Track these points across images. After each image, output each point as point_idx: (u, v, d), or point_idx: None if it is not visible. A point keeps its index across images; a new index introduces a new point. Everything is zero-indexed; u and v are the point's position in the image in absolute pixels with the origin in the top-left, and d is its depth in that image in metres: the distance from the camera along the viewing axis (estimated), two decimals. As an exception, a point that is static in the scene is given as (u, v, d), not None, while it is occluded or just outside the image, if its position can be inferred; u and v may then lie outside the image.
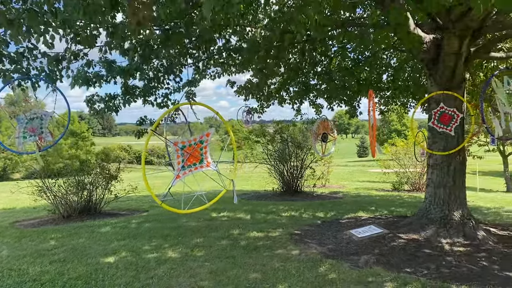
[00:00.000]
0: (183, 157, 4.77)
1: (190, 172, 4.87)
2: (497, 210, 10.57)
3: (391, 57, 10.88)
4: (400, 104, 11.54)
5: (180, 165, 4.74)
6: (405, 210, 9.89)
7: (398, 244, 6.26)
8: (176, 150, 4.72)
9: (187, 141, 4.84)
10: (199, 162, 4.93)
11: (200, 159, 4.93)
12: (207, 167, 4.98)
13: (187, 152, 4.78)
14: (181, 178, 4.75)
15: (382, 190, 15.97)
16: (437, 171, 6.70)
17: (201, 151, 4.94)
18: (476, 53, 6.82)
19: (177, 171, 4.73)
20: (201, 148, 4.94)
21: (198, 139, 4.93)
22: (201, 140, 4.95)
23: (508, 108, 5.54)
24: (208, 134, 5.03)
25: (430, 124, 6.47)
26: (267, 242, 6.74)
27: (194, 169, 4.90)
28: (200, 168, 4.96)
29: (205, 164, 4.95)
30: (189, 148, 4.80)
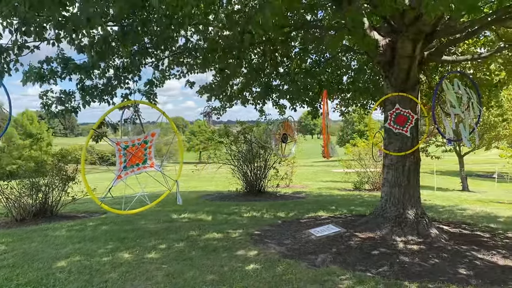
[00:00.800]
0: (125, 157, 4.67)
1: (133, 173, 4.78)
2: (451, 208, 10.98)
3: (351, 59, 11.08)
4: (360, 105, 11.77)
5: (122, 165, 4.64)
6: (364, 209, 10.11)
7: (354, 242, 6.38)
8: (118, 150, 4.63)
9: (131, 141, 4.75)
10: (143, 162, 4.84)
11: (143, 159, 4.85)
12: (150, 168, 4.90)
13: (130, 152, 4.69)
14: (122, 179, 4.65)
15: (344, 189, 16.27)
16: (392, 171, 6.87)
17: (145, 151, 4.87)
18: (429, 56, 7.05)
19: (118, 171, 4.63)
20: (145, 148, 4.86)
21: (143, 139, 4.85)
22: (146, 140, 4.87)
23: (458, 110, 5.75)
24: (154, 134, 4.96)
25: (387, 125, 6.64)
26: (227, 243, 6.71)
27: (137, 169, 4.82)
28: (143, 168, 4.87)
29: (148, 165, 4.87)
30: (132, 148, 4.72)
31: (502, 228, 7.92)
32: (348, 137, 59.76)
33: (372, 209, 10.06)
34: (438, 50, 7.12)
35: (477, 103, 5.81)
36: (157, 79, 7.93)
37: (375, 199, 12.44)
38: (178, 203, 5.12)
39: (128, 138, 4.78)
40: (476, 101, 5.77)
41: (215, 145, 14.55)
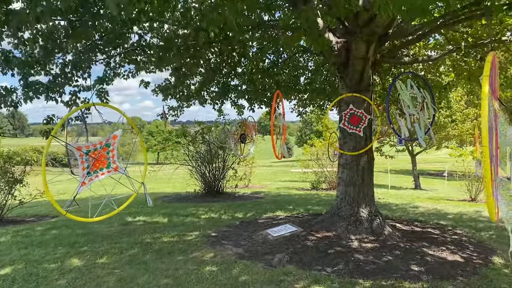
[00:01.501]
0: (88, 163, 4.47)
1: (97, 178, 4.58)
2: (404, 206, 11.32)
3: (308, 60, 11.19)
4: (317, 106, 11.92)
5: (85, 171, 4.44)
6: (321, 208, 10.23)
7: (311, 242, 6.42)
8: (79, 155, 4.41)
9: (92, 145, 4.55)
10: (107, 166, 4.65)
11: (107, 163, 4.65)
12: (115, 172, 4.72)
13: (92, 157, 4.48)
14: (87, 185, 4.45)
15: (302, 189, 16.43)
16: (347, 170, 6.98)
17: (108, 154, 4.67)
18: (383, 58, 7.22)
19: (82, 177, 4.42)
20: (107, 151, 4.67)
21: (104, 142, 4.65)
22: (108, 143, 4.67)
23: (412, 110, 5.91)
24: (115, 137, 4.77)
25: (341, 125, 6.73)
26: (182, 246, 6.56)
27: (101, 174, 4.62)
28: (108, 173, 4.68)
29: (112, 169, 4.69)
30: (95, 152, 4.51)
31: (451, 225, 8.24)
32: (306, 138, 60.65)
33: (328, 208, 10.19)
34: (391, 52, 7.31)
35: (431, 103, 6.00)
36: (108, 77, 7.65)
37: (332, 198, 12.63)
38: (149, 204, 4.97)
39: (90, 142, 4.58)
40: (430, 101, 5.95)
41: (172, 145, 14.29)
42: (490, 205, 2.48)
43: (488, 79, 2.49)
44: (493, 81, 2.94)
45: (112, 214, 4.80)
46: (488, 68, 2.55)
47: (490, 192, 2.42)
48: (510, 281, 4.98)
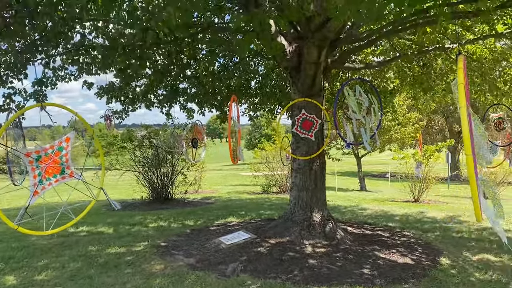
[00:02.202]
0: (39, 169, 4.05)
1: (50, 186, 4.17)
2: (353, 208, 11.53)
3: (259, 64, 11.12)
4: (268, 110, 11.87)
5: (36, 179, 4.02)
6: (273, 213, 10.17)
7: (265, 249, 6.30)
8: (29, 162, 3.99)
9: (42, 149, 4.13)
10: (60, 172, 4.25)
11: (61, 169, 4.25)
12: (70, 178, 4.33)
13: (44, 163, 4.07)
14: (40, 195, 4.03)
15: (252, 193, 16.35)
16: (300, 174, 6.94)
17: (61, 159, 4.27)
18: (333, 63, 7.27)
19: (33, 186, 4.00)
20: (60, 156, 4.26)
21: (56, 146, 4.25)
22: (60, 147, 4.27)
23: (358, 115, 5.96)
24: (68, 139, 4.37)
25: (294, 130, 6.69)
26: (130, 258, 6.21)
27: (54, 181, 4.21)
28: (62, 179, 4.29)
29: (67, 174, 4.29)
30: (46, 158, 4.10)
31: (399, 227, 8.46)
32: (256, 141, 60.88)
33: (280, 212, 10.16)
34: (341, 57, 7.38)
35: (378, 108, 6.09)
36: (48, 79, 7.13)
37: (283, 202, 12.65)
38: (116, 209, 4.60)
39: (40, 147, 4.14)
40: (377, 106, 6.04)
41: (117, 150, 13.66)
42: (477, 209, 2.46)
43: (464, 87, 2.48)
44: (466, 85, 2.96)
45: (70, 224, 4.42)
46: (462, 75, 2.54)
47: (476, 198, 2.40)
48: (458, 281, 5.13)
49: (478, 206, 2.45)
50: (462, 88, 2.46)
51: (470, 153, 2.37)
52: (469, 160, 2.38)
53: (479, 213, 2.49)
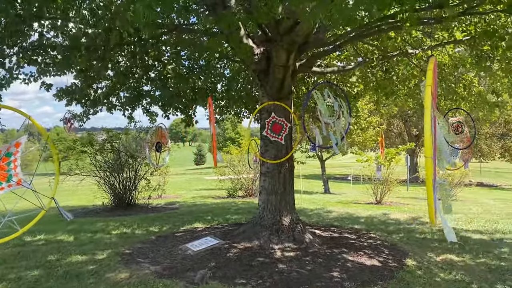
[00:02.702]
0: None
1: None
2: (318, 211, 11.62)
3: (225, 67, 11.02)
4: (234, 114, 11.78)
5: None
6: (240, 217, 10.06)
7: (233, 254, 6.18)
8: None
9: None
10: (7, 180, 3.96)
11: (7, 176, 3.97)
12: (17, 186, 4.04)
13: None
14: None
15: (218, 197, 16.18)
16: (269, 178, 6.89)
17: (9, 166, 3.98)
18: (301, 67, 7.28)
19: None
20: (8, 162, 3.98)
21: (4, 151, 3.96)
22: (8, 152, 3.99)
23: (329, 119, 5.98)
24: (18, 144, 4.09)
25: (264, 133, 6.63)
26: (93, 267, 5.92)
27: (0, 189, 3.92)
28: (8, 187, 3.99)
29: (15, 182, 4.00)
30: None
31: (365, 229, 8.57)
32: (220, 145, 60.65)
33: (247, 216, 10.08)
34: (309, 61, 7.41)
35: (347, 112, 6.14)
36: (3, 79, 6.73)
37: (250, 206, 12.58)
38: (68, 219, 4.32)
39: None
40: (346, 110, 6.09)
41: (77, 154, 13.13)
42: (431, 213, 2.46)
43: (431, 89, 2.47)
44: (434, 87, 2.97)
45: (15, 235, 4.13)
46: (430, 77, 2.53)
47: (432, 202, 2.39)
48: (424, 282, 5.22)
49: (432, 210, 2.47)
50: (429, 90, 2.46)
51: (430, 156, 2.37)
52: (428, 163, 2.38)
53: (433, 217, 2.52)
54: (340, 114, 6.01)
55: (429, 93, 2.42)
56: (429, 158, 2.35)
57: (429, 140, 2.35)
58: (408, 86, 9.85)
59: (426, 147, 2.38)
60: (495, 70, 8.39)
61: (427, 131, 2.38)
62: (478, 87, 9.68)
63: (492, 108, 9.56)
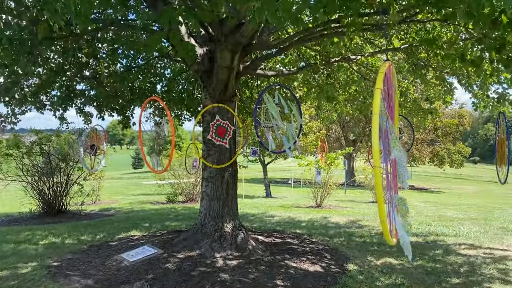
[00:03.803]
0: None
1: None
2: (261, 216, 11.52)
3: (165, 67, 10.63)
4: (175, 116, 11.39)
5: None
6: (180, 224, 9.70)
7: (173, 264, 5.86)
8: None
9: None
10: None
11: None
12: None
13: None
14: None
15: (157, 203, 15.61)
16: (211, 183, 6.63)
17: None
18: (245, 69, 7.12)
19: None
20: None
21: None
22: None
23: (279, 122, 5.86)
24: None
25: (208, 137, 6.37)
26: (15, 282, 5.34)
27: None
28: None
29: None
30: None
31: (307, 233, 8.57)
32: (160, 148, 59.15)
33: (188, 222, 9.75)
34: (253, 63, 7.27)
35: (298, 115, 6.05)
36: None
37: (190, 211, 12.21)
38: None
39: None
40: (297, 114, 6.00)
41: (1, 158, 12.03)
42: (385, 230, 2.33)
43: (381, 92, 2.35)
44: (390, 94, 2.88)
45: None
46: (380, 80, 2.42)
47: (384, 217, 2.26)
48: (366, 287, 5.24)
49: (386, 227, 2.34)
50: (378, 93, 2.34)
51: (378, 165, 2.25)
52: (377, 173, 2.25)
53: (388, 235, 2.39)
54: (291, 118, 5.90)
55: (378, 97, 2.31)
56: (377, 167, 2.22)
57: (376, 148, 2.22)
58: (348, 92, 10.04)
59: (374, 156, 2.25)
60: (430, 78, 8.76)
61: (374, 139, 2.25)
62: (413, 94, 10.08)
63: (426, 114, 9.99)
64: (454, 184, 44.42)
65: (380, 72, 2.47)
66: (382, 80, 2.42)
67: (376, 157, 2.25)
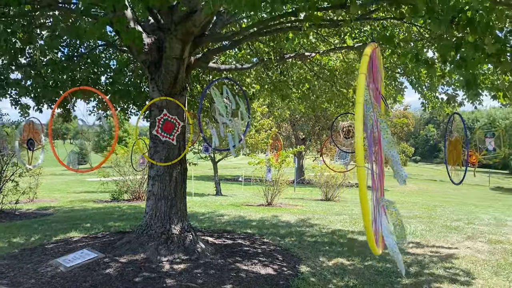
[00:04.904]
0: None
1: None
2: (210, 215, 11.18)
3: (110, 57, 10.00)
4: (121, 110, 10.76)
5: None
6: (124, 224, 9.16)
7: (115, 270, 5.41)
8: None
9: None
10: None
11: None
12: None
13: None
14: None
15: (100, 201, 14.82)
16: (158, 182, 6.22)
17: None
18: (197, 62, 6.76)
19: None
20: None
21: None
22: None
23: (225, 119, 5.56)
24: None
25: (154, 132, 5.95)
26: None
27: None
28: None
29: None
30: None
31: (258, 233, 8.36)
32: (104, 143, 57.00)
33: (133, 223, 9.23)
34: (205, 56, 6.91)
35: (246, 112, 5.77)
36: None
37: (136, 211, 11.65)
38: None
39: None
40: (245, 110, 5.71)
41: None
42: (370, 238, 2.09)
43: (364, 77, 2.08)
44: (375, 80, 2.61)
45: None
46: (365, 63, 2.13)
47: (369, 223, 2.02)
48: (319, 289, 5.09)
49: (371, 237, 2.08)
50: (362, 79, 2.05)
51: (362, 165, 1.99)
52: (360, 173, 1.98)
53: (373, 244, 2.13)
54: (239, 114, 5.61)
55: (362, 83, 2.03)
56: (361, 167, 1.95)
57: (360, 144, 1.95)
58: (302, 90, 9.94)
59: (357, 153, 1.97)
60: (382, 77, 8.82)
61: (358, 134, 1.96)
62: (365, 94, 10.15)
63: (377, 114, 10.08)
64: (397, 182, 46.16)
65: (365, 54, 2.18)
66: (366, 64, 2.14)
67: (360, 154, 1.98)
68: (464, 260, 6.64)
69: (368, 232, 2.04)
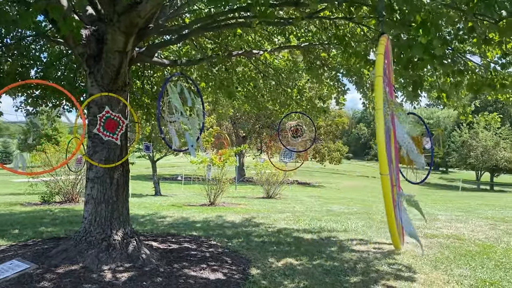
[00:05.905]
0: None
1: None
2: (152, 217, 10.73)
3: (41, 50, 9.21)
4: (52, 106, 9.96)
5: None
6: (58, 229, 8.47)
7: (50, 282, 4.91)
8: None
9: None
10: None
11: None
12: None
13: None
14: None
15: (29, 204, 13.71)
16: (98, 185, 5.76)
17: None
18: (140, 56, 6.36)
19: None
20: None
21: None
22: None
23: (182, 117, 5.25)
24: None
25: (95, 131, 5.48)
26: None
27: None
28: None
29: None
30: None
31: (204, 235, 8.11)
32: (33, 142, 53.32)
33: (67, 227, 8.59)
34: (149, 50, 6.52)
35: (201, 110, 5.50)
36: None
37: (70, 214, 10.89)
38: None
39: None
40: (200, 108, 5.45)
41: None
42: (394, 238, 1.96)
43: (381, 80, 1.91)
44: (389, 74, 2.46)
45: None
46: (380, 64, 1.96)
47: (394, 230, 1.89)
48: (271, 293, 4.98)
49: (395, 233, 1.98)
50: (379, 82, 1.88)
51: (386, 173, 1.85)
52: (384, 181, 1.84)
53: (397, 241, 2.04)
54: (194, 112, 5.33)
55: (380, 88, 1.88)
56: (385, 175, 1.80)
57: (383, 152, 1.80)
58: (247, 88, 9.81)
59: (381, 161, 1.81)
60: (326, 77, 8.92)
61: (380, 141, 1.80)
62: (308, 93, 10.25)
63: (320, 113, 10.22)
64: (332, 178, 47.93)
65: (379, 53, 2.01)
66: (382, 64, 1.98)
67: (383, 162, 1.82)
68: (405, 256, 6.84)
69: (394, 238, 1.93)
